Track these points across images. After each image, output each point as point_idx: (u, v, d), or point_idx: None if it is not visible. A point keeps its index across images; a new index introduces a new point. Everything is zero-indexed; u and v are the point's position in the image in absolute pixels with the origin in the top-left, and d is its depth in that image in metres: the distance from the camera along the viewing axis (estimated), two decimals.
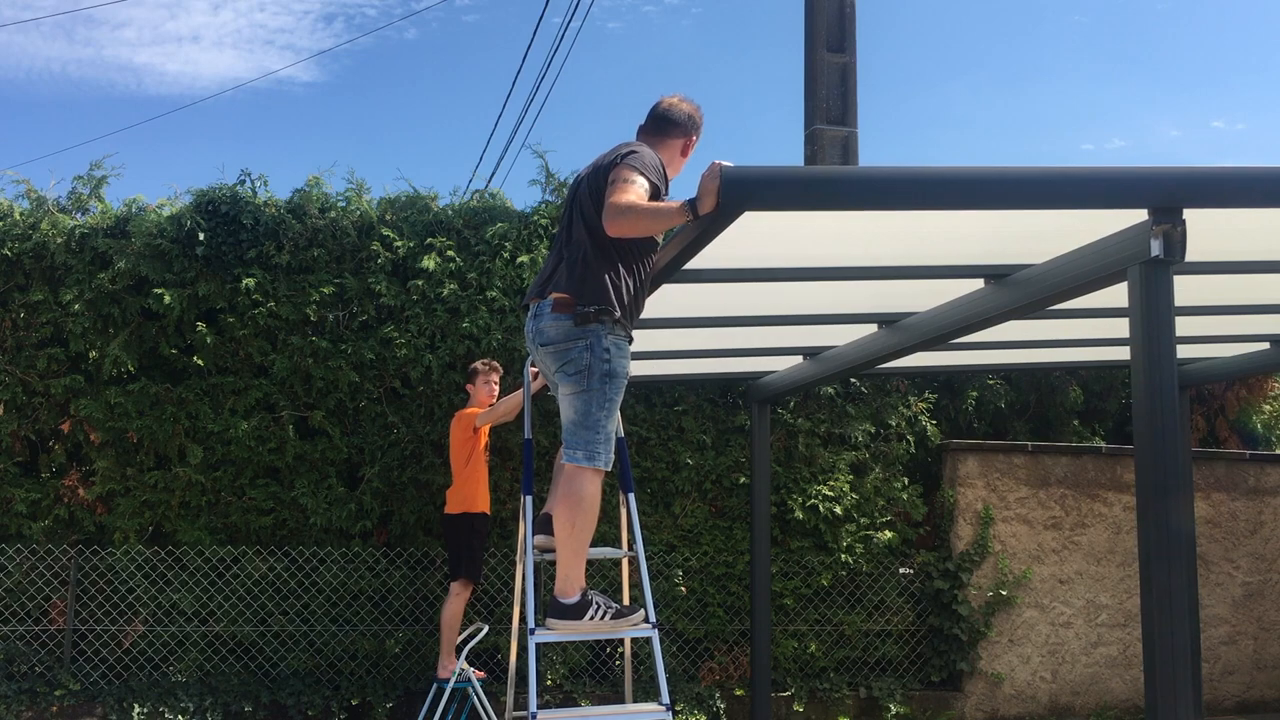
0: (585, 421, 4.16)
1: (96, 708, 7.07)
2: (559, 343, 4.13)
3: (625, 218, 3.74)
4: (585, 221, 4.13)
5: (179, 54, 35.55)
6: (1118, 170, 3.49)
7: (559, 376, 4.20)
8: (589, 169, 4.26)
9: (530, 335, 4.27)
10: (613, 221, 3.78)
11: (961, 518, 8.28)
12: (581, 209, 4.17)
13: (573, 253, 4.16)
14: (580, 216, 4.17)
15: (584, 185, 4.21)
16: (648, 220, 3.78)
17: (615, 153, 4.09)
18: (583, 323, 4.07)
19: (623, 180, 3.85)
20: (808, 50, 9.29)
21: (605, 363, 4.11)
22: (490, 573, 7.60)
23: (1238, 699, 8.80)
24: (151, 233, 7.43)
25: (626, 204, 3.75)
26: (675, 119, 4.27)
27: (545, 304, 4.17)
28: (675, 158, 4.31)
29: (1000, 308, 4.54)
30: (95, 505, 7.35)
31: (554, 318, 4.12)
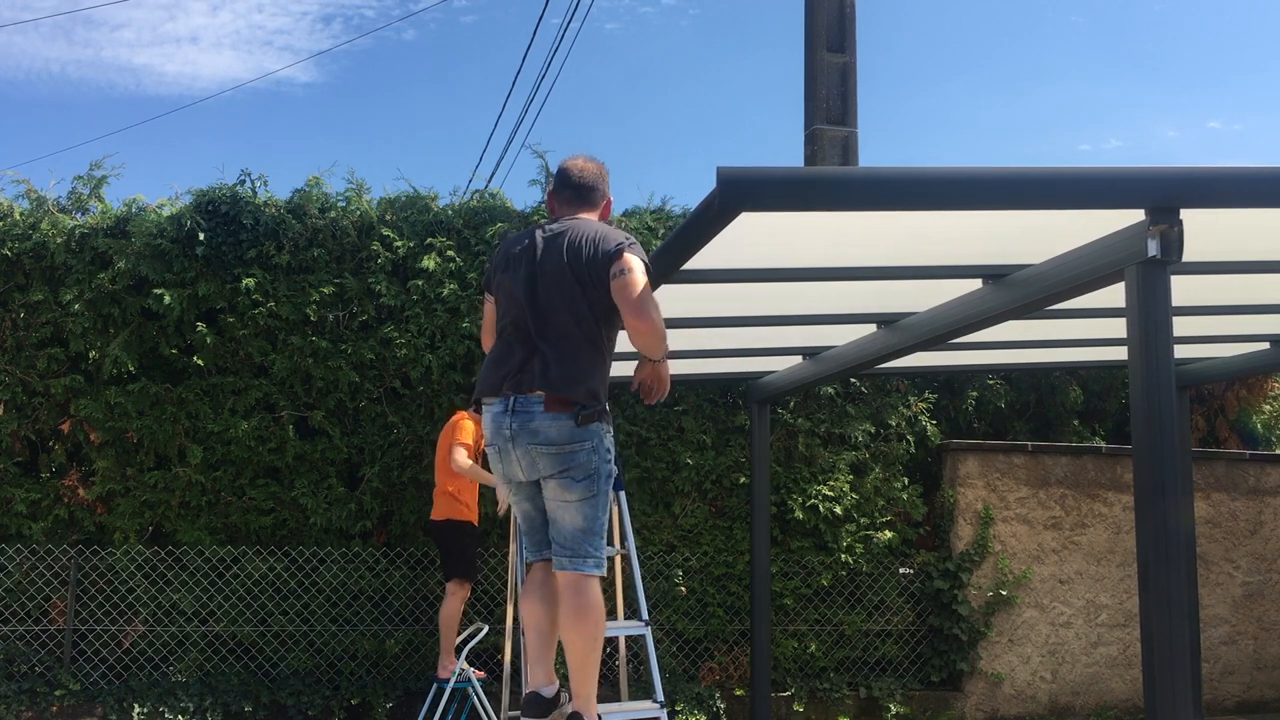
0: (593, 527, 3.96)
1: (96, 708, 7.07)
2: (561, 444, 3.85)
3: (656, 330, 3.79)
4: (572, 309, 3.88)
5: (178, 55, 35.57)
6: (1115, 170, 3.50)
7: (562, 481, 3.90)
8: (547, 243, 3.99)
9: (507, 430, 3.89)
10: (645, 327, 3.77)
11: (961, 518, 8.28)
12: (564, 294, 3.89)
13: (559, 345, 3.88)
14: (563, 302, 3.89)
15: (560, 265, 3.92)
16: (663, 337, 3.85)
17: (598, 236, 3.92)
18: (585, 423, 3.85)
19: (641, 278, 3.81)
20: (808, 50, 9.29)
21: (607, 462, 3.94)
22: (491, 573, 7.60)
23: (1238, 699, 8.80)
24: (151, 233, 7.43)
25: (657, 316, 3.78)
26: (596, 184, 4.19)
27: (532, 401, 3.85)
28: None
29: (999, 308, 4.54)
30: (95, 505, 7.35)
31: (551, 418, 3.83)
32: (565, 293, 3.89)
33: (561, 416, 3.83)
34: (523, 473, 3.97)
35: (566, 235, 3.96)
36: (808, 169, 5.96)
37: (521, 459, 3.92)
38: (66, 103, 38.78)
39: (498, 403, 3.95)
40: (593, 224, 4.00)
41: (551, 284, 3.91)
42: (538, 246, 3.99)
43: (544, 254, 3.96)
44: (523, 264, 3.99)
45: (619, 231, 3.96)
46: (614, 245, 3.86)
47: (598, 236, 3.91)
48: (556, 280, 3.91)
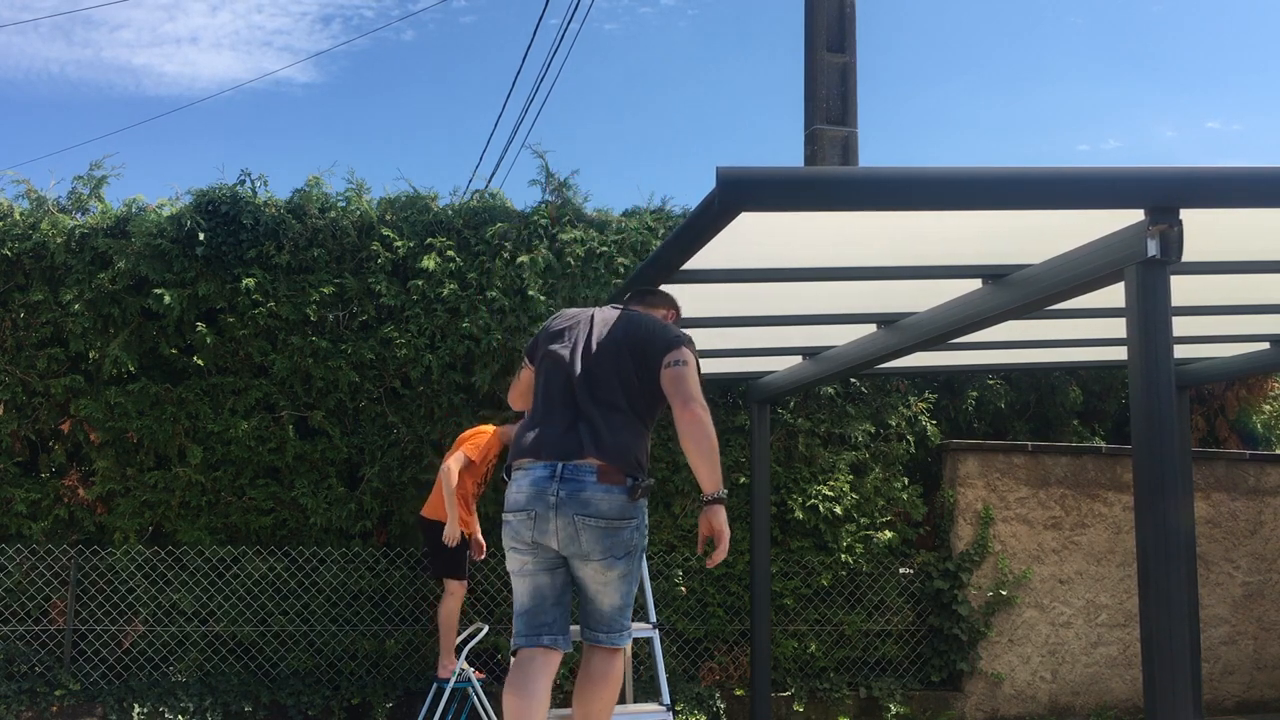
0: (628, 601, 3.89)
1: (96, 708, 7.07)
2: (612, 519, 3.72)
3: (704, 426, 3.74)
4: (624, 383, 3.88)
5: (177, 55, 35.57)
6: (1115, 170, 3.50)
7: (604, 562, 3.75)
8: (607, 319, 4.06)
9: (551, 498, 3.71)
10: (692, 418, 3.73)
11: (961, 518, 8.28)
12: (619, 367, 3.90)
13: (608, 414, 3.82)
14: (616, 375, 3.89)
15: (617, 340, 3.95)
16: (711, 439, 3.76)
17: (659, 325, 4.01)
18: (634, 499, 3.77)
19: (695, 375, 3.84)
20: (808, 50, 9.29)
21: (644, 538, 3.90)
22: (490, 573, 7.60)
23: (1238, 699, 8.80)
24: (151, 233, 7.43)
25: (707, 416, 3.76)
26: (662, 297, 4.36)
27: (584, 470, 3.71)
28: None
29: (998, 308, 4.54)
30: (95, 505, 7.35)
31: (604, 490, 3.70)
32: (620, 366, 3.89)
33: (615, 490, 3.72)
34: (558, 544, 3.75)
35: (628, 317, 4.04)
36: (808, 169, 5.96)
37: (562, 530, 3.72)
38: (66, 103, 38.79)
39: (540, 466, 3.77)
40: (654, 318, 4.10)
41: (607, 356, 3.92)
42: (595, 320, 4.05)
43: (602, 328, 4.00)
44: (578, 335, 4.00)
45: (678, 328, 4.06)
46: (674, 335, 3.94)
47: (658, 325, 4.00)
48: (613, 353, 3.92)
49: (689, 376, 3.80)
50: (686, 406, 3.73)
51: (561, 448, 3.77)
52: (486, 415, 7.61)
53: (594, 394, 3.86)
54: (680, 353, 3.86)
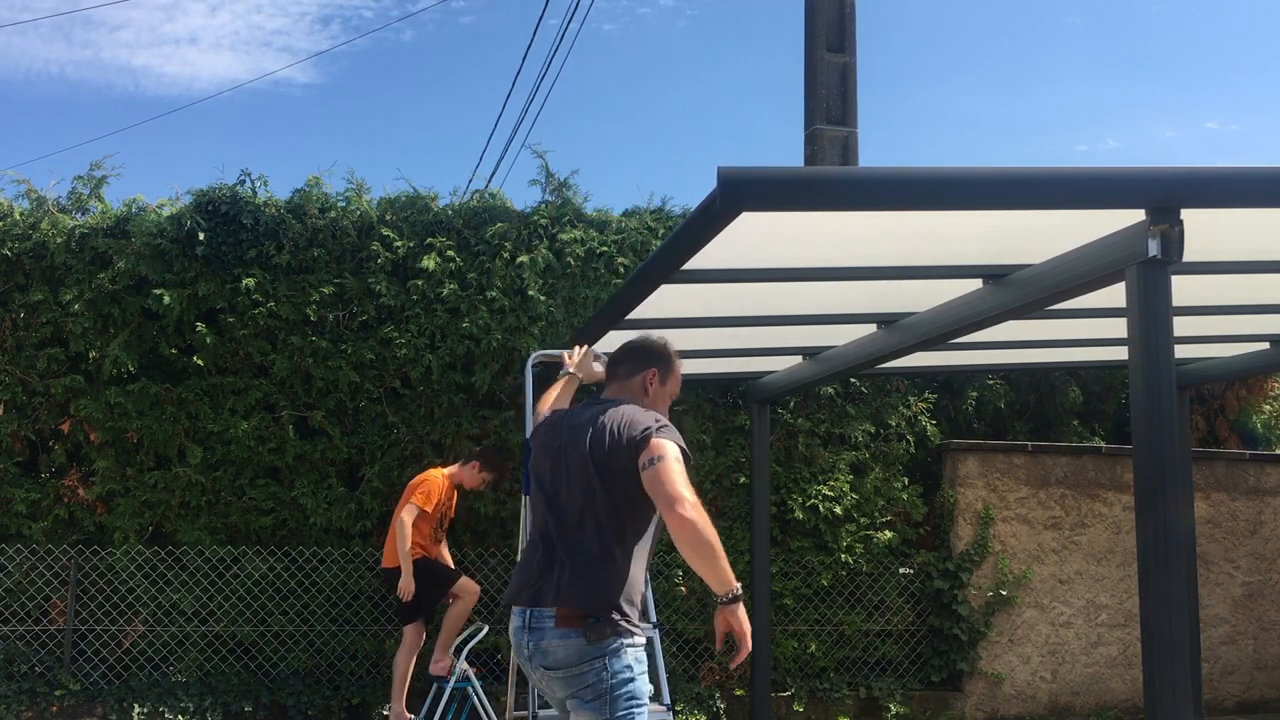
0: None
1: (96, 708, 7.07)
2: (570, 666, 3.37)
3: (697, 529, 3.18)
4: (592, 510, 3.41)
5: (177, 55, 35.56)
6: (1115, 170, 3.49)
7: (574, 704, 3.44)
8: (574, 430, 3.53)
9: (525, 650, 3.46)
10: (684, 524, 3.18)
11: (961, 518, 8.28)
12: (586, 492, 3.42)
13: (578, 551, 3.40)
14: (585, 502, 3.42)
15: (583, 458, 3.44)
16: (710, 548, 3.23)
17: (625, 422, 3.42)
18: (598, 639, 3.33)
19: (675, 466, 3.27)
20: (808, 50, 9.29)
21: (627, 681, 3.37)
22: (491, 573, 7.60)
23: (1238, 699, 8.80)
24: (151, 233, 7.43)
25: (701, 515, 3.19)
26: (635, 357, 3.73)
27: (544, 615, 3.40)
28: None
29: (999, 308, 4.54)
30: (95, 505, 7.35)
31: (560, 636, 3.36)
32: (586, 490, 3.42)
33: (571, 634, 3.35)
34: (547, 692, 3.55)
35: (594, 423, 3.49)
36: (808, 169, 5.97)
37: (539, 681, 3.51)
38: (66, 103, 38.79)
39: (516, 614, 3.51)
40: (623, 408, 3.51)
41: (575, 480, 3.46)
42: (569, 430, 3.57)
43: (570, 443, 3.52)
44: (554, 453, 3.57)
45: (649, 414, 3.46)
46: (640, 431, 3.37)
47: (624, 422, 3.43)
48: (579, 475, 3.45)
49: (667, 475, 3.25)
50: (671, 509, 3.21)
51: (532, 592, 3.45)
52: (486, 415, 7.62)
53: (564, 529, 3.45)
54: (652, 449, 3.30)
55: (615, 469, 3.38)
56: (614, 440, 3.40)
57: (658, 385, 3.69)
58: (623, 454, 3.36)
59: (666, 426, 3.41)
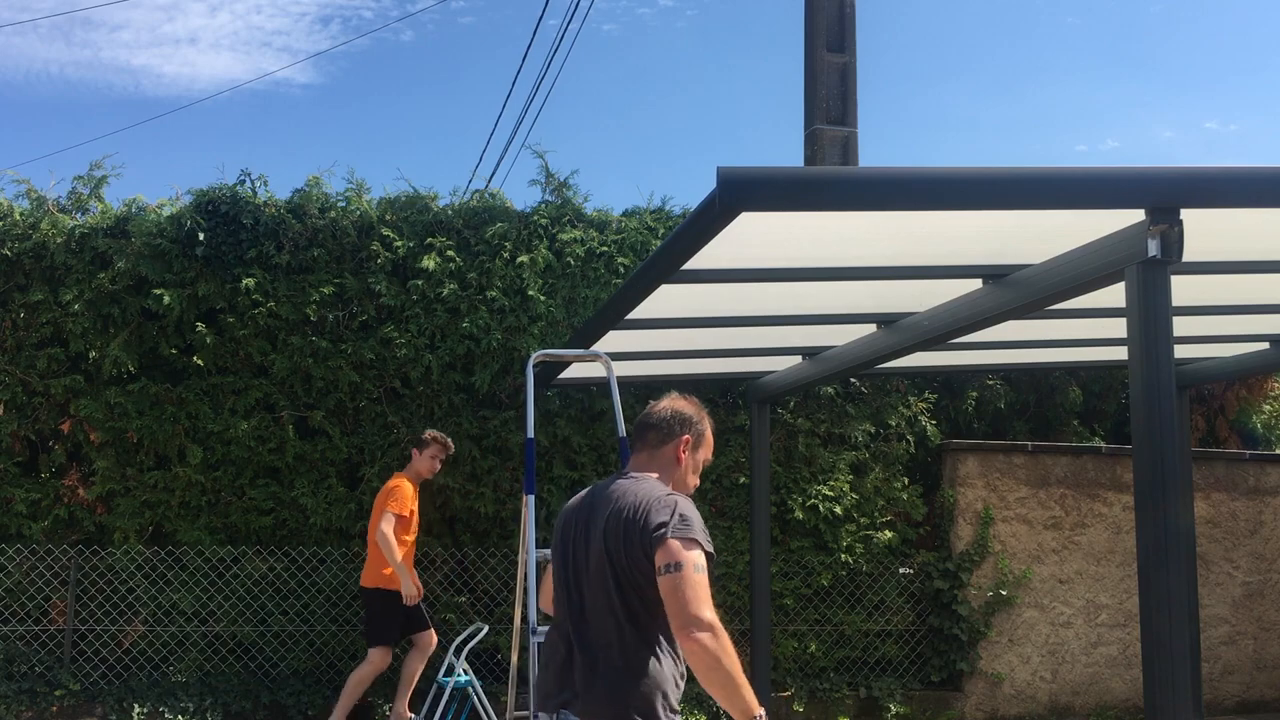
0: None
1: (96, 708, 7.07)
2: None
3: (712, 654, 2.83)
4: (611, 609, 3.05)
5: (176, 56, 35.56)
6: (1115, 170, 3.50)
7: None
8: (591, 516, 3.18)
9: None
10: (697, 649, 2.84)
11: (961, 518, 8.28)
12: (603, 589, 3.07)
13: (598, 653, 3.06)
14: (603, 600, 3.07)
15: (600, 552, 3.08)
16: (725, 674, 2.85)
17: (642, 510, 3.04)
18: None
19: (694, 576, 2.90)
20: (808, 50, 9.29)
21: None
22: (491, 573, 7.60)
23: (1238, 699, 8.80)
24: (151, 233, 7.43)
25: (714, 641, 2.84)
26: (663, 423, 3.36)
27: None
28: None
29: (998, 308, 4.54)
30: (95, 505, 7.35)
31: None
32: (604, 588, 3.06)
33: None
34: None
35: (612, 506, 3.12)
36: (808, 169, 5.97)
37: None
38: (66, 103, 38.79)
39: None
40: (642, 491, 3.12)
41: (592, 572, 3.11)
42: (589, 519, 3.20)
43: (588, 530, 3.17)
44: (571, 546, 3.23)
45: (669, 500, 3.07)
46: (656, 526, 2.98)
47: (641, 511, 3.03)
48: (596, 567, 3.10)
49: (683, 590, 2.87)
50: (685, 634, 2.86)
51: (557, 698, 3.16)
52: (486, 415, 7.62)
53: (583, 626, 3.12)
54: (669, 551, 2.91)
55: (631, 564, 3.01)
56: (629, 531, 3.02)
57: (690, 453, 3.32)
58: (637, 549, 2.99)
59: (689, 522, 3.01)
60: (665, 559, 2.92)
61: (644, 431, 3.36)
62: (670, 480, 3.24)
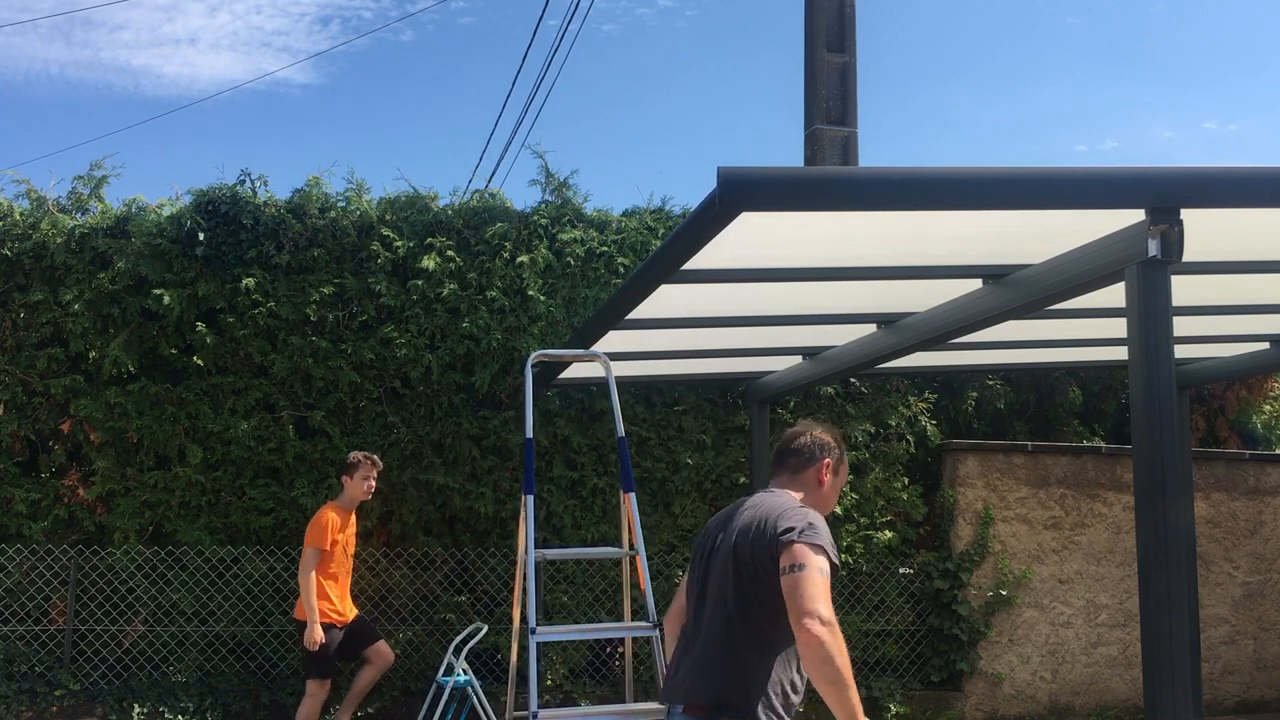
0: None
1: (96, 708, 7.07)
2: None
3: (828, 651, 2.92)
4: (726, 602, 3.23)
5: (176, 56, 35.57)
6: (1115, 170, 3.49)
7: None
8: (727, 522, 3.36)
9: None
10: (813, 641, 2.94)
11: (961, 518, 8.28)
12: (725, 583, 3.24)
13: (711, 643, 3.22)
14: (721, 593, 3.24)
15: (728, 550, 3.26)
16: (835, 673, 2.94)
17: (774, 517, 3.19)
18: None
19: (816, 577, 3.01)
20: (808, 50, 9.29)
21: None
22: (491, 573, 7.60)
23: (1238, 699, 8.80)
24: (151, 233, 7.43)
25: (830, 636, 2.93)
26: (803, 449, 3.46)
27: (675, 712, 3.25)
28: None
29: (999, 308, 4.54)
30: (95, 505, 7.35)
31: None
32: (723, 585, 3.24)
33: None
34: None
35: (744, 516, 3.32)
36: (808, 169, 5.97)
37: None
38: (65, 103, 38.80)
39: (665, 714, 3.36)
40: (779, 501, 3.30)
41: (718, 572, 3.29)
42: (719, 526, 3.41)
43: (724, 535, 3.35)
44: (705, 544, 3.43)
45: (803, 513, 3.19)
46: (784, 530, 3.12)
47: (774, 517, 3.20)
48: (721, 568, 3.28)
49: (805, 586, 3.01)
50: (801, 624, 2.98)
51: (674, 691, 3.31)
52: (486, 415, 7.62)
53: (705, 624, 3.28)
54: (795, 554, 3.06)
55: (755, 563, 3.16)
56: (759, 533, 3.18)
57: (831, 477, 3.46)
58: (764, 551, 3.14)
59: (817, 530, 3.13)
60: (789, 560, 3.05)
61: (785, 457, 3.49)
62: (811, 501, 3.37)
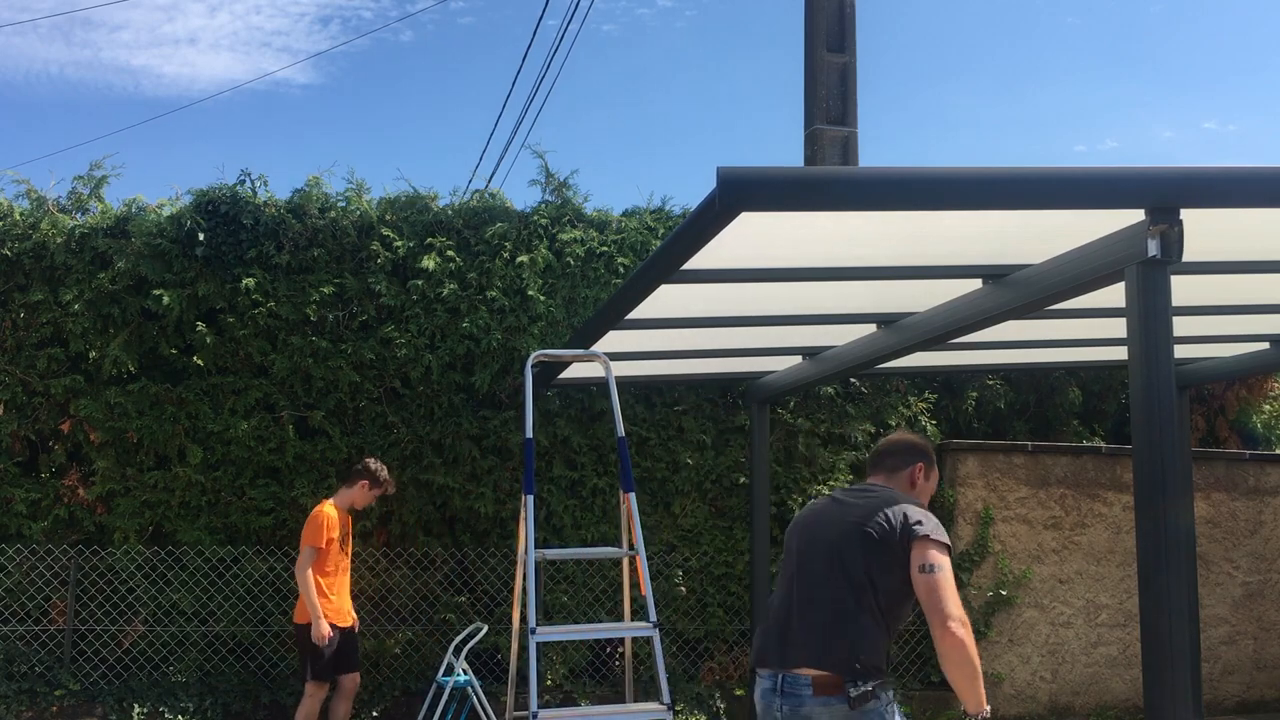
0: None
1: (96, 708, 7.07)
2: None
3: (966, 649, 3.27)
4: (852, 580, 3.46)
5: (176, 56, 35.58)
6: (1115, 170, 3.49)
7: None
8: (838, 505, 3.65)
9: (778, 714, 3.46)
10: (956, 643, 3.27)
11: (961, 518, 8.28)
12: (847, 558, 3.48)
13: (831, 614, 3.45)
14: (843, 572, 3.47)
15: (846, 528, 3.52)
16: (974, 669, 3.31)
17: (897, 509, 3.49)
18: (860, 704, 3.35)
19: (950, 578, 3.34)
20: (808, 50, 9.29)
21: None
22: (490, 573, 7.60)
23: (1238, 699, 8.80)
24: (151, 233, 7.43)
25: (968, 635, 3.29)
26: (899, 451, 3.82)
27: (800, 682, 3.41)
28: None
29: (999, 308, 4.54)
30: (95, 505, 7.35)
31: (822, 703, 3.37)
32: (844, 559, 3.48)
33: (833, 701, 3.37)
34: None
35: (863, 501, 3.60)
36: (808, 169, 5.96)
37: None
38: (65, 104, 38.80)
39: (766, 677, 3.54)
40: (890, 494, 3.63)
41: (834, 550, 3.52)
42: (829, 509, 3.68)
43: (833, 515, 3.63)
44: (811, 525, 3.68)
45: (921, 510, 3.54)
46: (915, 525, 3.44)
47: (899, 510, 3.50)
48: (841, 543, 3.51)
49: (943, 587, 3.32)
50: (945, 627, 3.29)
51: (780, 654, 3.50)
52: (486, 415, 7.62)
53: (815, 592, 3.51)
54: (929, 552, 3.36)
55: (887, 553, 3.43)
56: (888, 523, 3.46)
57: (923, 480, 3.79)
58: (896, 541, 3.43)
59: (940, 529, 3.48)
60: (923, 559, 3.37)
61: (882, 457, 3.83)
62: None
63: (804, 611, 3.50)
